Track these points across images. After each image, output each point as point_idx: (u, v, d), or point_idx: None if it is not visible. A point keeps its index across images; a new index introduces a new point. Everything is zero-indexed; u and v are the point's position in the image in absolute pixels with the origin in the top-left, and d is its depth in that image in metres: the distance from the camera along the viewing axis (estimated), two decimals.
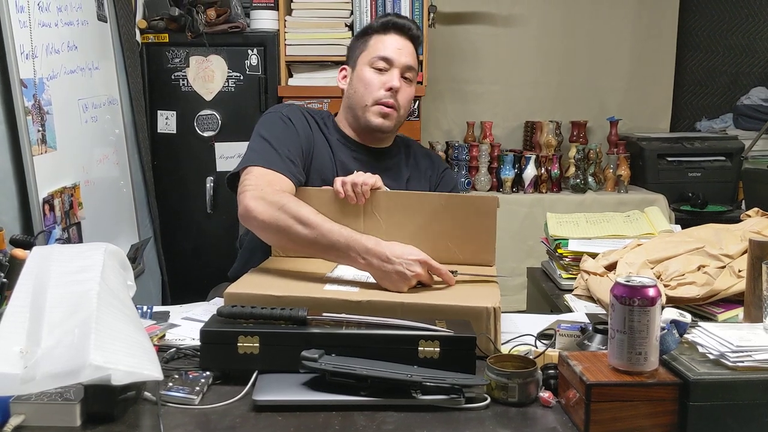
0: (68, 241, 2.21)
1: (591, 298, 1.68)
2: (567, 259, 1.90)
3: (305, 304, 1.29)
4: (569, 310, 1.69)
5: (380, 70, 1.80)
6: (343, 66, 1.90)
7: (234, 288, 1.41)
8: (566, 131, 3.91)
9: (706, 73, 4.20)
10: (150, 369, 1.06)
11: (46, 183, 2.11)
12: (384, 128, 1.82)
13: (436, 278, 1.48)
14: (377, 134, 1.85)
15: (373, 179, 1.62)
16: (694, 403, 1.05)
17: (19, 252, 1.29)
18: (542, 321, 1.51)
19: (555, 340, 1.34)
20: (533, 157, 3.61)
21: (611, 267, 1.68)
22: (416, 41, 1.87)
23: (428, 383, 1.14)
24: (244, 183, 1.61)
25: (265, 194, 1.55)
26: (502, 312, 1.72)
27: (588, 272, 1.71)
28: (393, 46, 1.81)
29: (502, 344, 1.41)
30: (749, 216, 1.73)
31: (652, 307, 1.08)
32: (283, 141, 1.72)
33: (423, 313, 1.34)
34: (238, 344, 1.22)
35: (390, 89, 1.79)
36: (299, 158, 1.73)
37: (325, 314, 1.28)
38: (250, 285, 1.44)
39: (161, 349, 1.32)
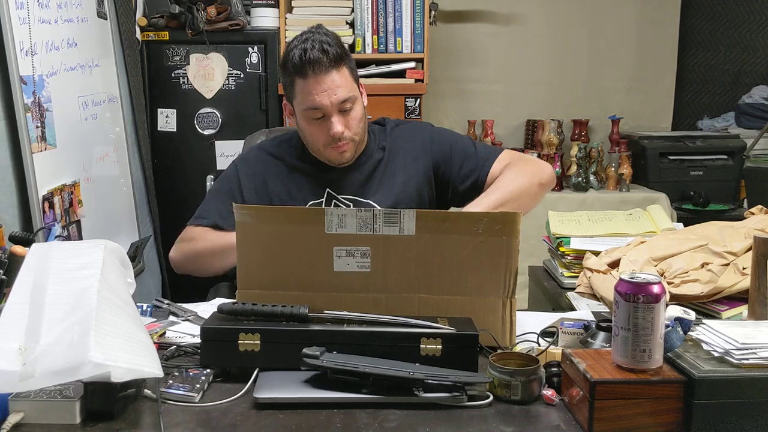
0: (68, 238, 2.20)
1: (594, 296, 1.67)
2: (569, 258, 1.89)
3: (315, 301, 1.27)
4: (571, 308, 1.68)
5: (317, 118, 1.70)
6: (285, 103, 1.81)
7: (244, 288, 1.36)
8: (568, 130, 3.90)
9: (708, 72, 4.19)
10: (150, 366, 1.05)
11: (46, 180, 2.11)
12: (345, 159, 1.77)
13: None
14: (342, 164, 1.79)
15: None
16: (699, 400, 1.04)
17: (18, 249, 1.29)
18: (545, 319, 1.51)
19: (558, 337, 1.33)
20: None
21: (614, 264, 1.67)
22: (339, 61, 1.69)
23: (430, 381, 1.14)
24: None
25: (180, 239, 1.81)
26: None
27: (591, 270, 1.70)
28: (317, 90, 1.67)
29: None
30: (753, 213, 1.72)
31: (656, 303, 1.07)
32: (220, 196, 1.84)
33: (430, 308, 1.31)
34: (239, 341, 1.21)
35: (335, 134, 1.70)
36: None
37: (326, 311, 1.28)
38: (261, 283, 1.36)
39: (161, 347, 1.32)
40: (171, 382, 1.16)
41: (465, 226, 1.33)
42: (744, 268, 1.46)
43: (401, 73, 3.10)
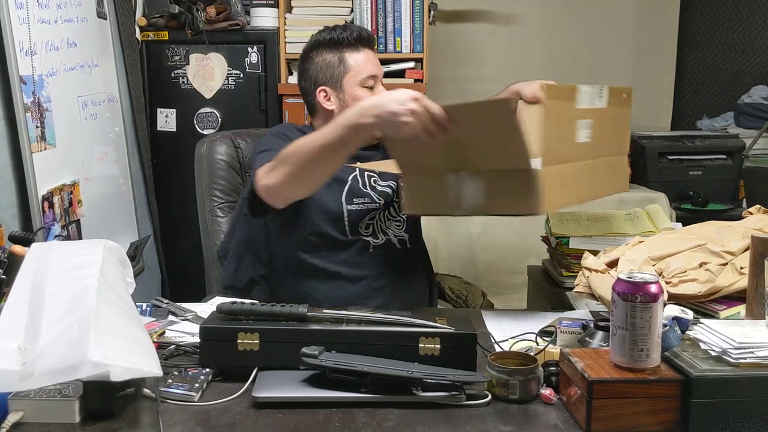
0: (67, 238, 2.20)
1: (592, 296, 1.67)
2: (568, 257, 1.90)
3: None
4: (570, 308, 1.69)
5: (370, 87, 1.83)
6: (322, 88, 1.84)
7: None
8: None
9: (707, 72, 4.19)
10: (149, 366, 1.05)
11: (46, 180, 2.11)
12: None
13: None
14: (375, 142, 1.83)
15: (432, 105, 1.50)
16: (696, 400, 1.04)
17: (18, 248, 1.29)
18: (543, 318, 1.51)
19: (556, 337, 1.34)
20: None
21: (613, 264, 1.67)
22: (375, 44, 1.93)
23: (429, 380, 1.14)
24: (256, 180, 1.64)
25: (267, 167, 1.60)
26: (503, 310, 1.72)
27: (589, 269, 1.70)
28: (371, 61, 1.85)
29: (503, 341, 1.41)
30: (751, 213, 1.73)
31: (654, 303, 1.07)
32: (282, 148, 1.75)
33: None
34: (238, 341, 1.21)
35: None
36: None
37: (325, 311, 1.28)
38: None
39: (161, 346, 1.32)
40: (170, 381, 1.16)
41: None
42: (742, 268, 1.46)
43: (400, 73, 3.10)
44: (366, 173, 1.84)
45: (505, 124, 1.41)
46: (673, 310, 1.20)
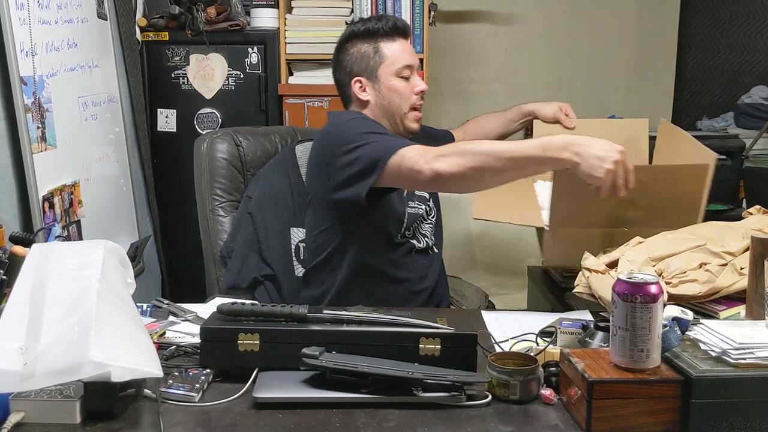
0: (68, 238, 2.20)
1: (592, 296, 1.67)
2: None
3: None
4: (570, 308, 1.69)
5: (407, 77, 1.85)
6: (357, 79, 1.86)
7: None
8: None
9: (707, 72, 4.19)
10: (150, 366, 1.05)
11: (46, 181, 2.11)
12: (418, 128, 1.90)
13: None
14: (413, 132, 1.89)
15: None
16: (696, 400, 1.04)
17: (18, 249, 1.29)
18: (544, 318, 1.51)
19: (556, 337, 1.34)
20: None
21: (612, 264, 1.67)
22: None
23: (429, 380, 1.14)
24: (405, 159, 1.59)
25: (439, 153, 1.57)
26: (503, 310, 1.72)
27: (589, 270, 1.70)
28: (407, 51, 1.88)
29: (503, 342, 1.41)
30: (751, 214, 1.73)
31: (654, 303, 1.08)
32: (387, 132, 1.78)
33: None
34: (239, 341, 1.21)
35: (421, 92, 1.87)
36: None
37: (325, 311, 1.28)
38: None
39: (161, 347, 1.32)
40: (171, 382, 1.16)
41: None
42: (742, 269, 1.46)
43: None
44: None
45: (696, 186, 1.50)
46: (673, 310, 1.20)
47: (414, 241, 1.85)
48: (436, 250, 1.92)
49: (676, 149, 1.92)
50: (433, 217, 1.94)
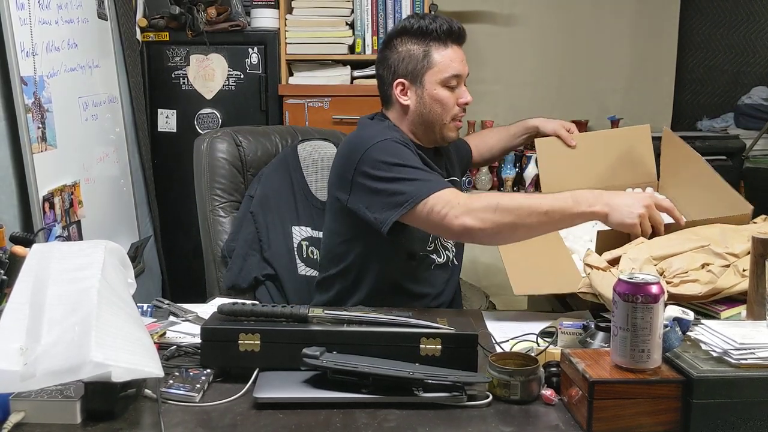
0: (68, 239, 2.20)
1: (594, 295, 1.67)
2: None
3: None
4: (570, 309, 1.69)
5: (452, 87, 1.76)
6: (400, 80, 1.76)
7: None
8: None
9: (706, 72, 4.19)
10: (150, 366, 1.05)
11: (46, 181, 2.11)
12: (456, 137, 1.84)
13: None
14: (450, 141, 1.85)
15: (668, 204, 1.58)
16: (697, 400, 1.04)
17: (19, 249, 1.29)
18: (544, 319, 1.51)
19: (557, 337, 1.34)
20: (534, 156, 3.60)
21: (614, 262, 1.67)
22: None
23: (430, 381, 1.14)
24: (434, 212, 1.54)
25: (470, 207, 1.52)
26: (502, 311, 1.72)
27: (591, 266, 1.70)
28: (458, 59, 1.76)
29: (504, 342, 1.41)
30: (755, 223, 1.73)
31: (655, 304, 1.07)
32: (420, 164, 1.67)
33: None
34: (239, 342, 1.21)
35: (465, 104, 1.78)
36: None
37: (326, 311, 1.28)
38: None
39: (162, 347, 1.32)
40: (171, 382, 1.16)
41: None
42: (744, 270, 1.46)
43: None
44: None
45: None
46: (674, 310, 1.20)
47: (434, 256, 1.80)
48: (456, 263, 1.88)
49: (682, 158, 2.01)
50: None
